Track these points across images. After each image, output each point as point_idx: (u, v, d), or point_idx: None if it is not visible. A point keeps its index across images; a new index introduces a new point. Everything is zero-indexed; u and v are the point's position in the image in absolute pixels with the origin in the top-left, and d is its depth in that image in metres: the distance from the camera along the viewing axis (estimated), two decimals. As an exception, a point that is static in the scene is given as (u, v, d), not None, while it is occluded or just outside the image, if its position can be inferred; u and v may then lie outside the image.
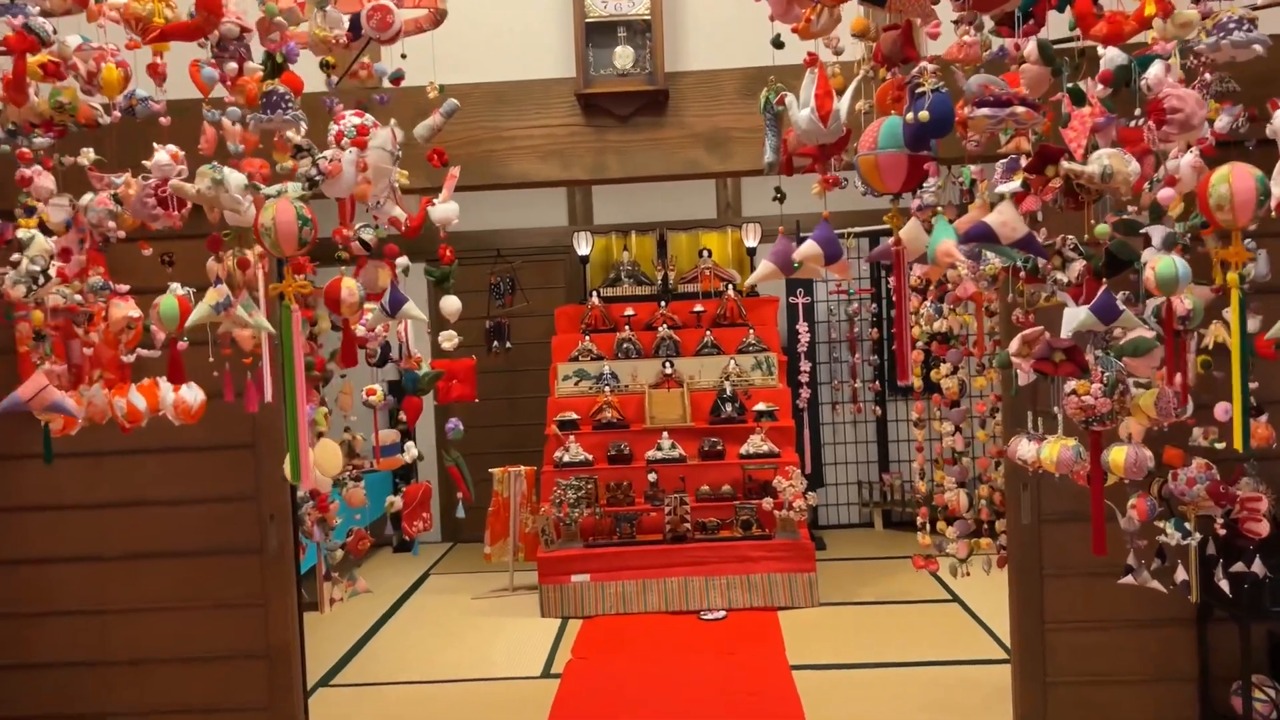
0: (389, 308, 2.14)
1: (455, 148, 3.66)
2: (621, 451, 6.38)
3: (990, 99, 1.61)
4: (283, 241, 1.74)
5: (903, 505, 7.52)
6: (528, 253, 7.82)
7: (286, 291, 1.77)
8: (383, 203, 2.13)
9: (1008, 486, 3.78)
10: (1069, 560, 3.75)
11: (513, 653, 5.36)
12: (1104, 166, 1.71)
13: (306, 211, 1.77)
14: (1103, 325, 1.86)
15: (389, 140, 2.02)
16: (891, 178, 1.65)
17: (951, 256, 1.61)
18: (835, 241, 1.80)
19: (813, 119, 1.75)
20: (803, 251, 1.81)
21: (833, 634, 5.43)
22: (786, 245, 1.96)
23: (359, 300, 2.01)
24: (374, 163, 1.95)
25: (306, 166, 1.85)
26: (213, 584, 3.89)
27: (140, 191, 2.04)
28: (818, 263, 1.80)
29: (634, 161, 3.71)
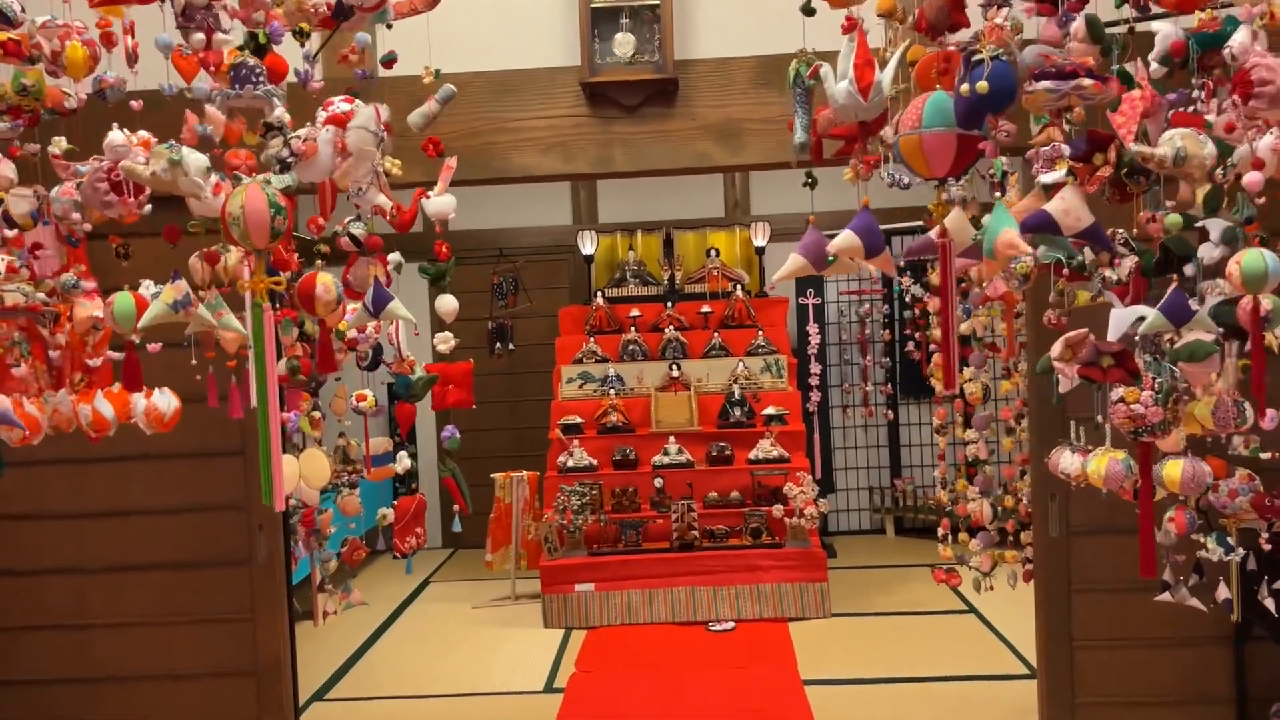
0: (372, 307, 1.96)
1: (454, 140, 3.48)
2: (627, 456, 6.20)
3: (1052, 71, 1.43)
4: (253, 232, 1.57)
5: (915, 511, 7.33)
6: (531, 252, 7.65)
7: (257, 289, 1.59)
8: (365, 189, 1.95)
9: (1034, 497, 3.59)
10: (1099, 575, 3.57)
11: (514, 665, 5.18)
12: (1177, 149, 1.53)
13: (280, 199, 1.59)
14: (1174, 327, 1.67)
15: (372, 119, 1.84)
16: (938, 160, 1.47)
17: (1015, 248, 1.43)
18: (877, 231, 1.62)
19: (851, 92, 1.56)
20: (840, 243, 1.62)
21: (845, 647, 5.24)
22: (818, 237, 1.77)
23: (335, 298, 1.83)
24: (355, 144, 1.77)
25: (277, 147, 1.67)
26: (200, 597, 3.73)
27: (91, 176, 1.86)
28: (857, 256, 1.62)
29: (641, 154, 3.53)
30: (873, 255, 1.61)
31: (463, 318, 7.91)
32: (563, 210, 7.70)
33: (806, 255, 1.75)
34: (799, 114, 1.77)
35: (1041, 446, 3.54)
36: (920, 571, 6.54)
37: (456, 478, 2.95)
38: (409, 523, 2.85)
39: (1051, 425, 3.53)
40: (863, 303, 7.43)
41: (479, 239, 7.64)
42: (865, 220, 1.62)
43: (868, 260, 1.63)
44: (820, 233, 1.79)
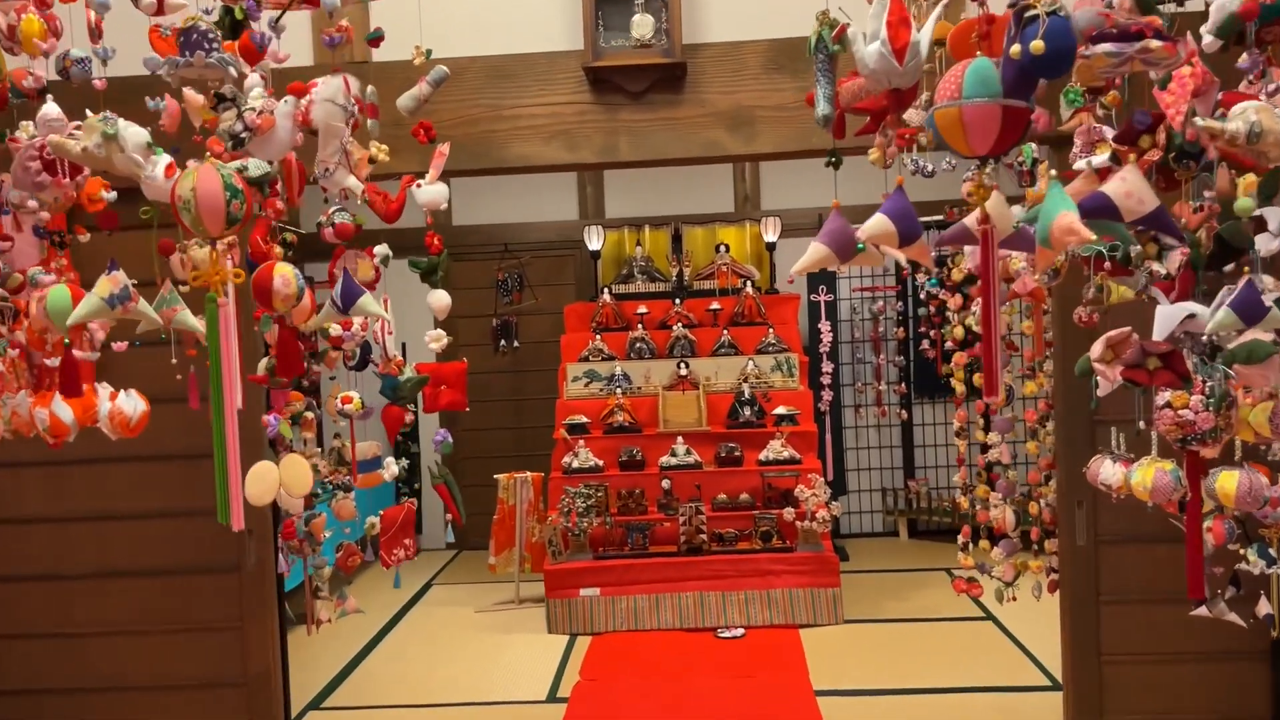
0: (340, 302, 1.80)
1: (450, 128, 3.33)
2: (634, 457, 6.03)
3: (1113, 32, 1.25)
4: (206, 217, 1.40)
5: (930, 514, 7.15)
6: (536, 247, 7.48)
7: (213, 282, 1.43)
8: (332, 171, 1.78)
9: (1060, 503, 3.42)
10: (1128, 585, 3.39)
11: (517, 673, 5.03)
12: (1251, 124, 1.35)
13: (237, 180, 1.43)
14: (1245, 325, 1.50)
15: (339, 91, 1.67)
16: (980, 135, 1.29)
17: (1076, 234, 1.26)
18: (913, 216, 1.44)
19: (885, 54, 1.39)
20: (872, 228, 1.44)
21: (859, 655, 5.07)
22: (843, 224, 1.59)
23: (296, 292, 1.66)
24: (321, 119, 1.61)
25: (229, 120, 1.51)
26: (187, 605, 3.58)
27: (22, 154, 1.69)
28: (890, 244, 1.44)
29: (648, 143, 3.36)
30: (908, 243, 1.44)
31: (466, 314, 7.84)
32: (569, 205, 7.54)
33: (830, 244, 1.57)
34: (821, 84, 1.59)
35: (1068, 450, 3.37)
36: (935, 576, 6.37)
37: (449, 485, 2.79)
38: (396, 533, 2.68)
39: (1079, 428, 3.35)
40: (876, 299, 7.25)
41: (483, 234, 7.49)
42: (900, 203, 1.44)
43: (901, 249, 1.45)
44: (844, 219, 1.62)
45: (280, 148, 1.57)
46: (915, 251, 1.46)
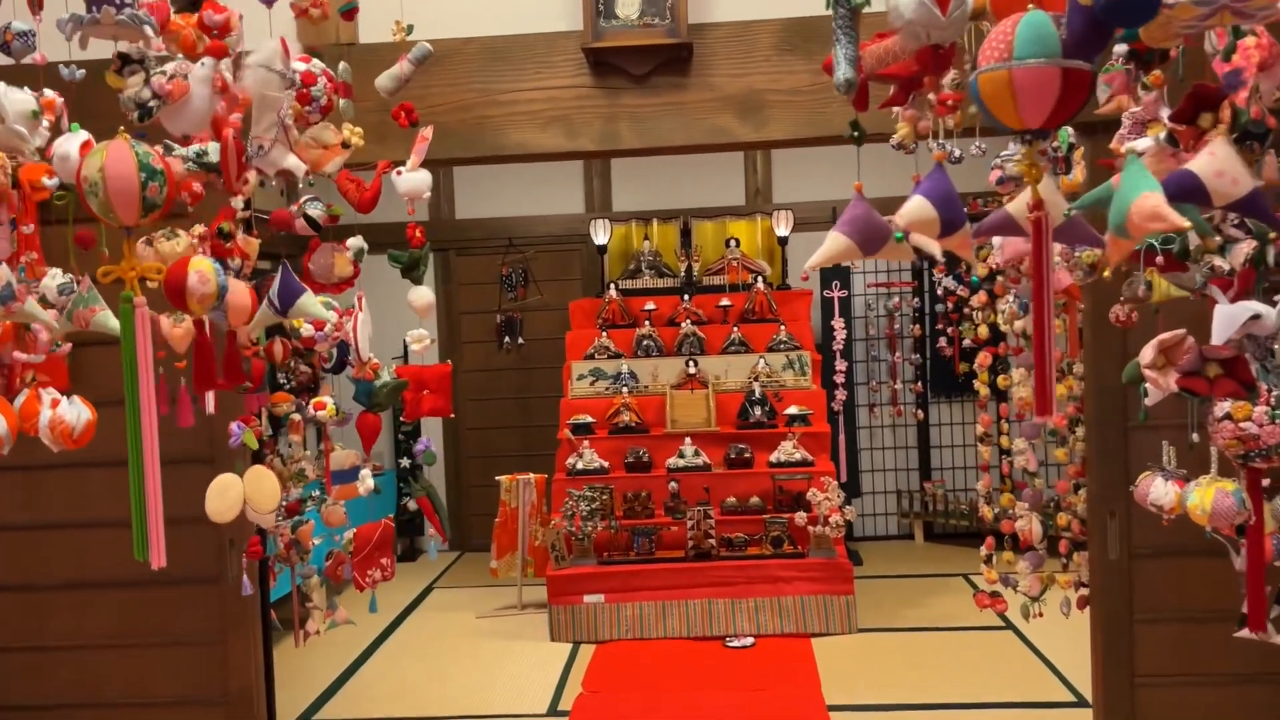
0: (278, 302, 1.60)
1: (441, 114, 3.13)
2: (640, 458, 5.83)
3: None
4: (117, 202, 1.21)
5: (946, 516, 6.93)
6: (541, 242, 7.29)
7: (127, 278, 1.24)
8: (267, 149, 1.58)
9: (1091, 514, 3.20)
10: (1164, 602, 3.18)
11: (517, 684, 4.84)
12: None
13: (156, 160, 1.23)
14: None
15: (276, 56, 1.47)
16: (1034, 104, 1.08)
17: (1163, 219, 1.05)
18: (955, 199, 1.24)
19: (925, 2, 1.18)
20: (911, 213, 1.23)
21: (873, 666, 4.86)
22: (867, 211, 1.38)
23: (215, 291, 1.46)
24: (252, 87, 1.41)
25: (136, 86, 1.31)
26: (166, 618, 3.39)
27: None
28: (930, 232, 1.23)
29: (652, 130, 3.15)
30: (950, 232, 1.23)
31: (470, 310, 7.64)
32: (575, 198, 7.34)
33: (852, 235, 1.35)
34: (841, 43, 1.39)
35: (1100, 458, 3.16)
36: (953, 582, 6.16)
37: (432, 498, 2.59)
38: (372, 553, 2.49)
39: (1111, 435, 3.14)
40: (892, 295, 7.03)
41: (486, 228, 7.30)
42: (941, 184, 1.23)
43: (942, 239, 1.24)
44: (869, 205, 1.40)
45: (196, 118, 1.36)
46: (956, 243, 1.25)
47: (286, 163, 1.67)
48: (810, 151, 7.07)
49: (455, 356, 7.40)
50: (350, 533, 2.68)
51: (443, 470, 7.44)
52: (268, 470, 2.02)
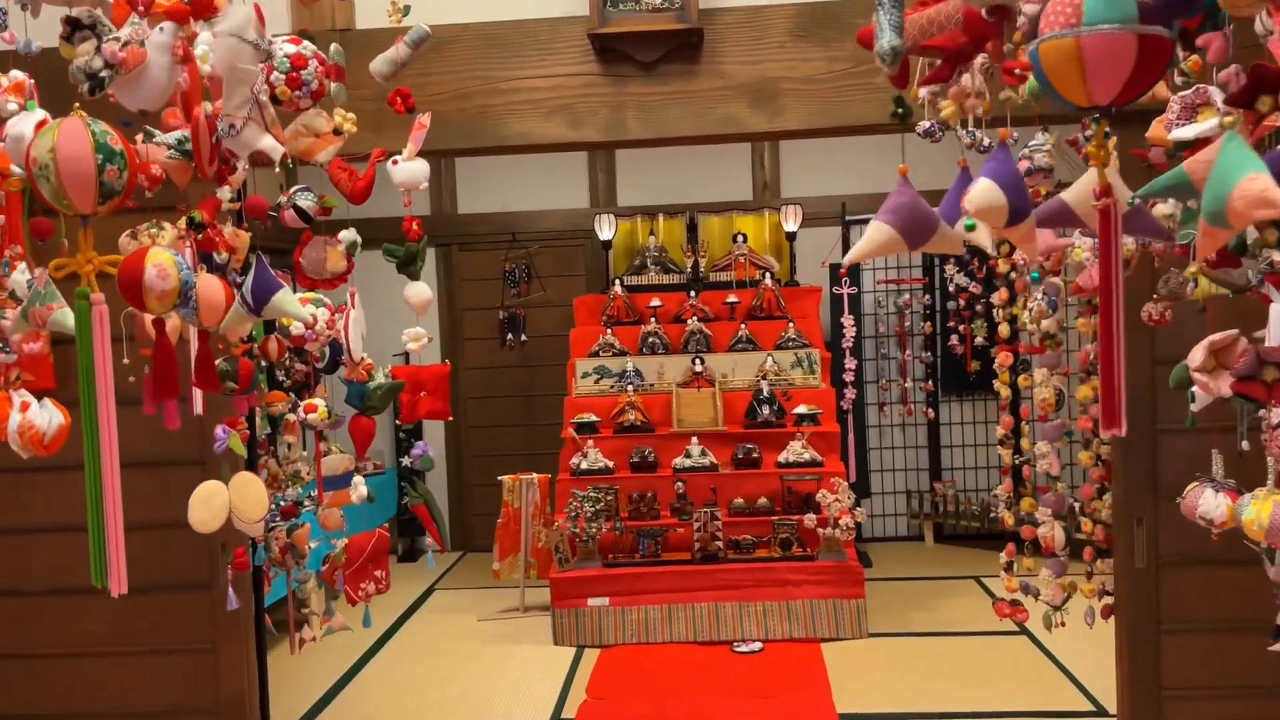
0: (251, 299, 1.48)
1: (441, 102, 3.01)
2: (646, 458, 5.71)
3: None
4: (70, 187, 1.09)
5: (956, 517, 6.80)
6: (545, 237, 7.16)
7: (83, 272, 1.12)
8: (239, 128, 1.45)
9: (1116, 521, 3.08)
10: (1192, 612, 3.06)
11: (519, 691, 4.72)
12: None
13: (115, 140, 1.11)
14: None
15: (250, 24, 1.34)
16: (1105, 76, 0.96)
17: (1273, 205, 0.92)
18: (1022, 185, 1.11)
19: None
20: (980, 198, 1.09)
21: (885, 673, 4.74)
22: (913, 199, 1.25)
23: (175, 286, 1.33)
24: (222, 58, 1.28)
25: (86, 54, 1.18)
26: (156, 625, 3.28)
27: None
28: (996, 221, 1.10)
29: (660, 119, 3.03)
30: (1017, 220, 1.10)
31: (472, 306, 7.51)
32: (579, 192, 7.21)
33: (896, 224, 1.22)
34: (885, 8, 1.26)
35: (1127, 462, 3.03)
36: (964, 584, 6.03)
37: (430, 506, 2.48)
38: (365, 564, 2.37)
39: (1139, 438, 3.02)
40: (902, 292, 6.89)
41: (489, 223, 7.18)
42: (1007, 166, 1.09)
43: (1008, 229, 1.11)
44: (915, 192, 1.27)
45: (154, 90, 1.23)
46: (1020, 234, 1.12)
47: (261, 144, 1.54)
48: (819, 145, 6.94)
49: (457, 354, 7.29)
50: (342, 543, 2.55)
51: (444, 469, 7.32)
52: (254, 477, 1.91)
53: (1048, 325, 2.83)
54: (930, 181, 6.50)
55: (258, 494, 1.89)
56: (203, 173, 1.52)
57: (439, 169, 7.17)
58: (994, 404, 6.96)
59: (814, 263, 6.82)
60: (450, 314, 7.28)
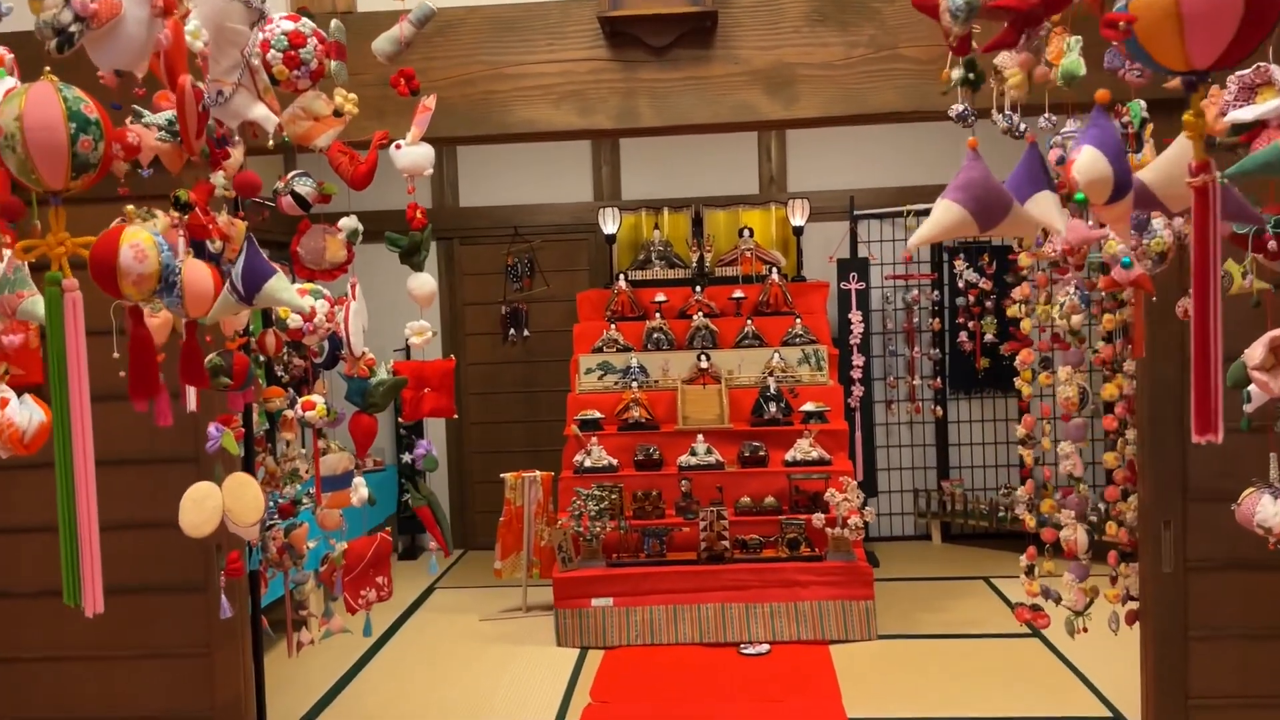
0: (241, 286, 1.37)
1: (445, 88, 2.90)
2: (650, 456, 5.61)
3: None
4: (39, 160, 0.98)
5: (964, 516, 6.70)
6: (548, 230, 7.05)
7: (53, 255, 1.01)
8: (229, 95, 1.34)
9: (1142, 524, 2.98)
10: (1221, 619, 2.96)
11: (521, 693, 4.62)
12: None
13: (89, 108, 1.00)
14: None
15: None
16: (1206, 35, 0.85)
17: None
18: (1125, 157, 1.00)
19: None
20: (1086, 168, 0.99)
21: (895, 676, 4.64)
22: (985, 175, 1.14)
23: (155, 270, 1.23)
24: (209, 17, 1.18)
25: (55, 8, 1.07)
26: (149, 628, 3.18)
27: None
28: (1101, 193, 0.99)
29: (672, 107, 2.92)
30: (1119, 195, 0.99)
31: (474, 301, 7.39)
32: (583, 185, 7.10)
33: (967, 203, 1.11)
34: (958, -38, 1.16)
35: (1154, 462, 2.93)
36: (973, 585, 5.94)
37: (434, 508, 2.36)
38: (366, 571, 2.26)
39: (1167, 438, 2.91)
40: (910, 288, 6.79)
41: (492, 216, 7.07)
42: (1109, 133, 0.99)
43: (1108, 206, 1.00)
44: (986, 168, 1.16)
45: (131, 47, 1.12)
46: (1117, 213, 1.01)
47: (253, 113, 1.43)
48: (828, 138, 6.84)
49: (458, 349, 7.18)
50: (341, 546, 2.45)
51: (445, 466, 7.22)
52: (250, 478, 1.80)
53: (1077, 321, 2.72)
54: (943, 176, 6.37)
55: (253, 496, 1.78)
56: (189, 148, 1.41)
57: (440, 160, 7.04)
58: (1002, 401, 6.87)
59: (821, 258, 6.72)
60: (452, 309, 7.17)
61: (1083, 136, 0.99)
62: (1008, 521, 6.45)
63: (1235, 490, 2.93)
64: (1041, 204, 1.07)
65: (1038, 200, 1.08)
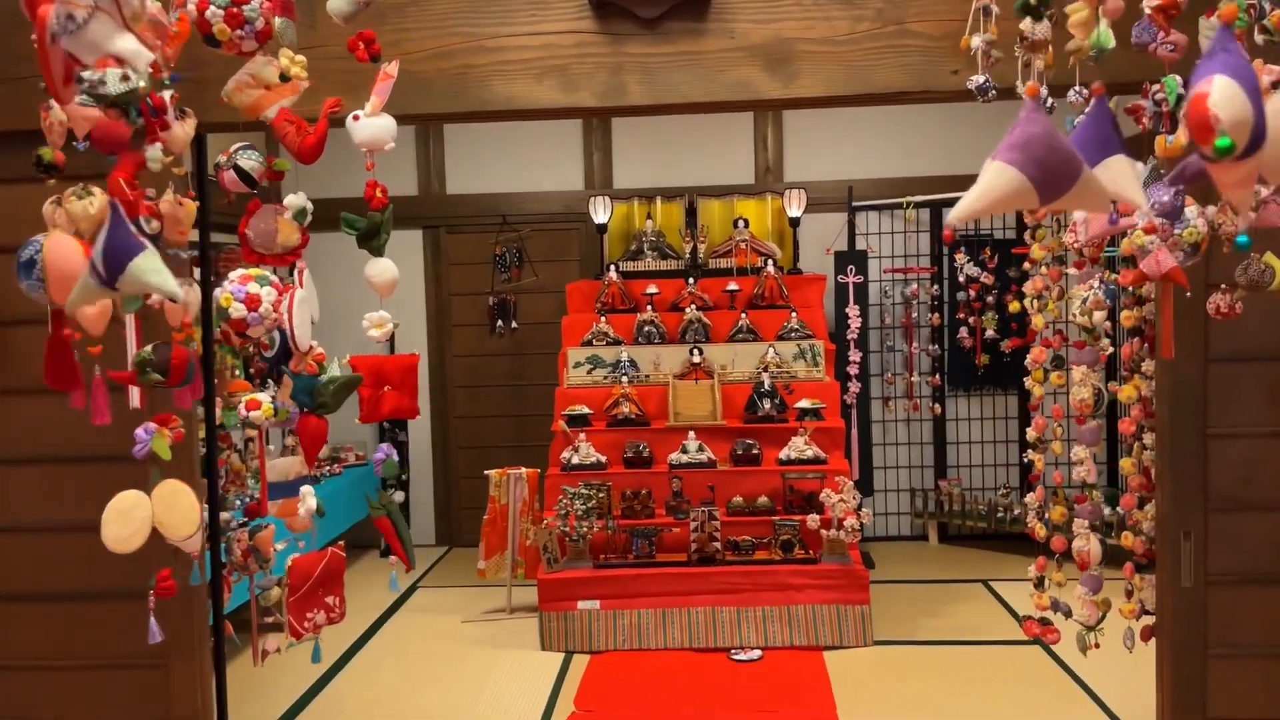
0: (102, 266, 1.17)
1: (417, 63, 2.70)
2: (640, 453, 5.42)
3: None
4: None
5: (962, 517, 6.53)
6: (537, 219, 6.85)
7: None
8: (82, 20, 1.14)
9: (1161, 535, 2.79)
10: (1244, 636, 2.77)
11: (503, 700, 4.44)
12: None
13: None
14: None
15: None
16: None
17: None
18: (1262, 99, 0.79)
19: None
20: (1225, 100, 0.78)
21: (892, 684, 4.47)
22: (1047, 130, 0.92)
23: None
24: None
25: None
26: (102, 636, 2.98)
27: None
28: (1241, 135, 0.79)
29: (663, 84, 2.72)
30: (1254, 147, 0.79)
31: (461, 292, 7.19)
32: (574, 173, 6.90)
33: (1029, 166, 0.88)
34: None
35: (1175, 470, 2.74)
36: (972, 589, 5.76)
37: (394, 519, 2.16)
38: (314, 590, 2.06)
39: (1189, 443, 2.73)
40: (909, 282, 6.60)
41: (479, 204, 6.87)
42: (1241, 63, 0.79)
43: (1235, 163, 0.80)
44: (1049, 123, 0.94)
45: None
46: (1241, 173, 0.82)
47: (115, 46, 1.21)
48: (826, 126, 6.65)
49: (444, 341, 6.99)
50: (288, 562, 2.25)
51: (430, 461, 7.03)
52: (183, 486, 1.61)
53: (1099, 319, 2.53)
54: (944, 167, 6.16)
55: (188, 506, 1.59)
56: (53, 92, 1.21)
57: (427, 145, 6.85)
58: (1002, 399, 6.69)
59: (818, 250, 6.54)
60: (438, 299, 6.97)
61: (1207, 63, 0.79)
62: (1006, 523, 6.29)
63: (1258, 499, 2.76)
64: (1114, 171, 0.87)
65: (1110, 167, 0.88)
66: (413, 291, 6.89)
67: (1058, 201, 0.91)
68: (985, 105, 2.40)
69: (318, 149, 1.76)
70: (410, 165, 6.86)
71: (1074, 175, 0.89)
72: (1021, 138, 0.88)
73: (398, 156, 6.78)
